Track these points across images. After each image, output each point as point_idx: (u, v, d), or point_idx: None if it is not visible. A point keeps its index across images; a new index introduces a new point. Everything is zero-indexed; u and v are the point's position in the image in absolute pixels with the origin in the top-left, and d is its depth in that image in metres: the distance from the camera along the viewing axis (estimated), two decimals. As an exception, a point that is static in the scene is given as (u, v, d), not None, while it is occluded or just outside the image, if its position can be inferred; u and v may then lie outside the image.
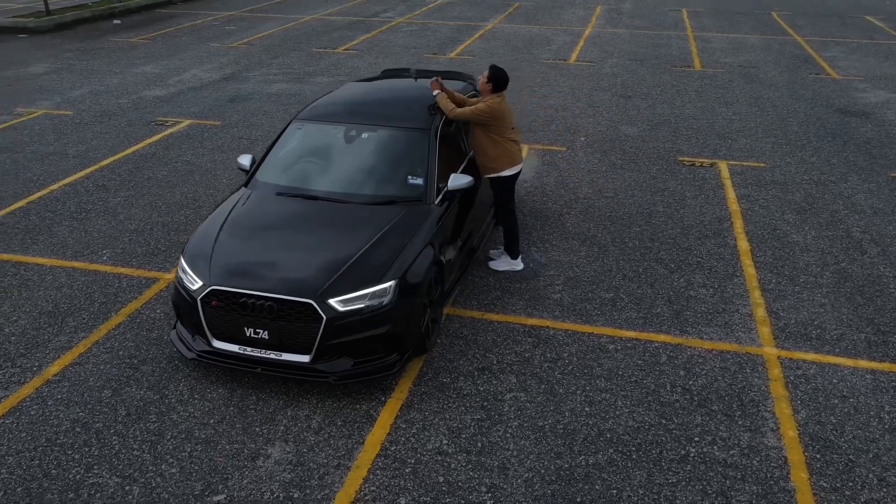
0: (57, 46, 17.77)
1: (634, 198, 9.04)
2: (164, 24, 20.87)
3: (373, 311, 5.31)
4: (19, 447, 4.95)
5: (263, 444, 5.00)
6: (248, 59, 16.34)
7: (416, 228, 5.83)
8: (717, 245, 7.88)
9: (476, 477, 4.74)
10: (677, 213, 8.61)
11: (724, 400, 5.49)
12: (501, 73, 6.79)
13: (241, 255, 5.56)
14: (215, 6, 23.88)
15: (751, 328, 6.39)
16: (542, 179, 9.59)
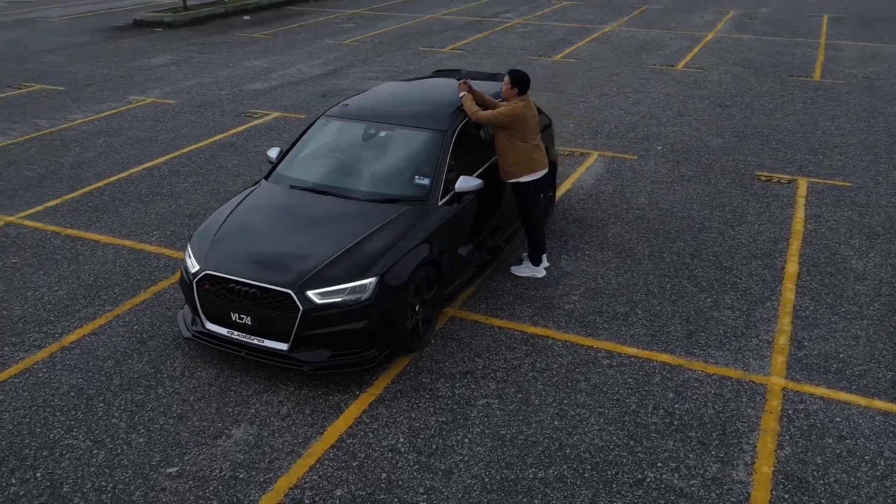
0: (185, 40, 18.97)
1: (690, 212, 8.70)
2: (289, 20, 21.82)
3: (351, 306, 5.42)
4: (17, 405, 5.41)
5: (230, 424, 5.22)
6: (354, 56, 16.83)
7: (411, 228, 5.89)
8: (761, 266, 7.46)
9: (418, 478, 4.76)
10: (731, 231, 8.21)
11: (706, 427, 5.23)
12: (523, 76, 6.73)
13: (237, 243, 5.81)
14: (344, 4, 24.70)
15: (765, 356, 6.04)
16: (600, 187, 9.38)
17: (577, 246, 7.87)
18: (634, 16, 22.09)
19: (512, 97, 6.77)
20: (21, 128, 11.70)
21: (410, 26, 20.72)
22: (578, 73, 15.19)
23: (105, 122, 12.00)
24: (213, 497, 4.60)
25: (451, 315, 6.57)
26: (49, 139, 11.19)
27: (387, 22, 21.31)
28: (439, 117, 6.71)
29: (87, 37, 19.49)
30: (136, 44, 18.50)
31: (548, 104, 12.92)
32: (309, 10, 23.77)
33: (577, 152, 10.66)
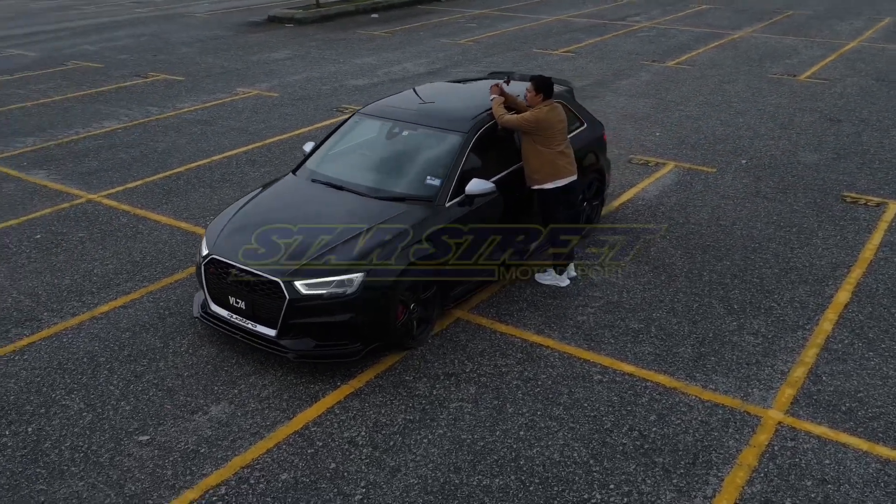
0: (309, 36, 19.79)
1: (752, 230, 8.26)
2: (413, 19, 22.28)
3: (335, 299, 5.57)
4: (36, 364, 5.94)
5: (211, 401, 5.51)
6: (463, 56, 17.01)
7: (411, 226, 5.96)
8: (808, 293, 7.00)
9: (364, 472, 4.85)
10: (788, 253, 7.74)
11: (677, 455, 5.01)
12: (547, 81, 6.64)
13: (244, 230, 6.09)
14: (473, 4, 24.92)
15: (772, 387, 5.69)
16: (663, 199, 9.07)
17: (615, 257, 7.65)
18: (774, 21, 21.00)
19: (537, 103, 6.69)
20: (133, 114, 12.66)
21: (532, 28, 20.65)
22: (688, 79, 14.66)
23: (207, 111, 12.76)
24: (169, 467, 4.88)
25: (457, 317, 6.59)
26: (153, 125, 12.04)
27: (509, 23, 21.34)
28: (463, 119, 6.73)
29: (222, 31, 20.72)
30: (263, 39, 19.49)
31: (639, 112, 12.58)
32: (437, 10, 24.16)
33: (653, 162, 10.33)
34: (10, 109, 13.02)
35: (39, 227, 8.29)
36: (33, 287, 7.06)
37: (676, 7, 23.53)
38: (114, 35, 20.27)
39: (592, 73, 15.44)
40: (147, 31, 20.87)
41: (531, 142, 6.69)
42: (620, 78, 15.01)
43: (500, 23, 21.41)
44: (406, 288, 5.85)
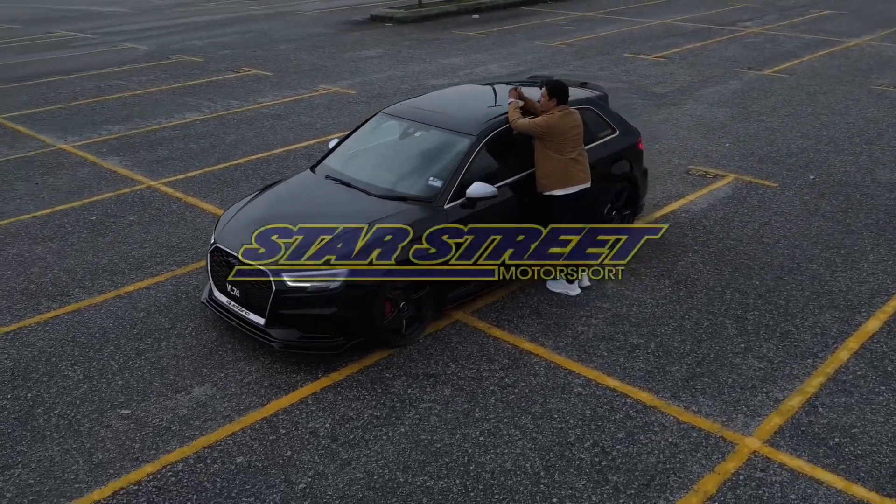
0: (404, 35, 20.15)
1: (795, 250, 7.87)
2: (514, 20, 22.28)
3: (319, 293, 5.74)
4: (52, 336, 6.40)
5: (197, 382, 5.79)
6: (552, 59, 16.90)
7: (405, 226, 6.04)
8: (834, 319, 6.63)
9: (315, 462, 4.99)
10: (828, 276, 7.34)
11: (633, 475, 4.88)
12: (560, 86, 6.56)
13: (249, 222, 6.35)
14: (579, 6, 24.67)
15: (759, 414, 5.44)
16: (710, 213, 8.77)
17: (636, 269, 7.47)
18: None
19: (551, 108, 6.62)
20: (215, 106, 13.30)
21: (632, 31, 20.24)
22: (780, 89, 14.03)
23: (283, 106, 13.25)
24: (139, 440, 5.17)
25: (456, 319, 6.61)
26: (230, 118, 12.63)
27: (611, 26, 21.00)
28: (474, 122, 6.75)
29: (324, 29, 21.38)
30: (360, 37, 19.99)
31: (714, 121, 12.16)
32: (540, 12, 24.05)
33: (712, 173, 9.98)
34: (107, 99, 13.94)
35: (97, 210, 8.87)
36: (74, 265, 7.58)
37: (795, 12, 22.45)
38: (223, 31, 21.29)
39: (679, 79, 15.01)
40: (255, 27, 21.79)
41: (543, 147, 6.64)
42: (707, 85, 14.52)
43: (602, 26, 21.09)
44: (394, 287, 5.92)
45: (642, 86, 14.45)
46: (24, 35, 21.68)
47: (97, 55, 18.27)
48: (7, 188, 9.66)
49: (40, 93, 14.54)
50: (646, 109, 12.88)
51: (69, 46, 19.64)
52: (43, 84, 15.27)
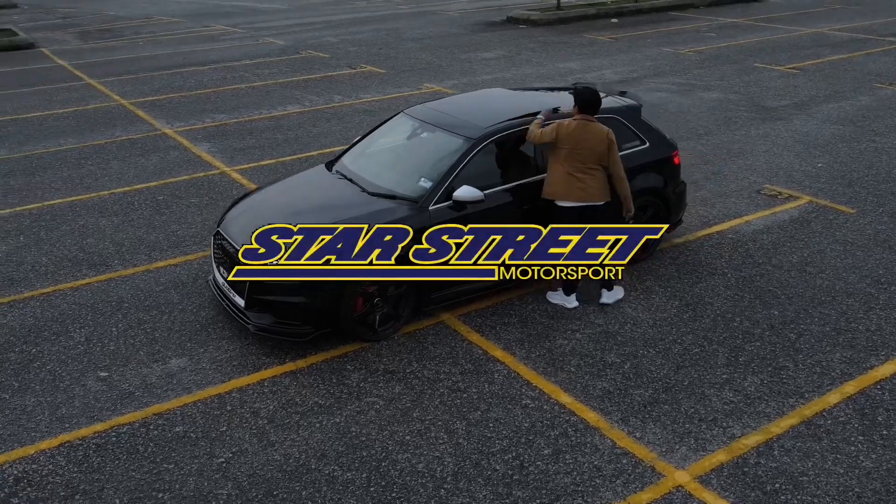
0: (532, 37, 20.15)
1: (837, 283, 7.30)
2: (652, 25, 21.69)
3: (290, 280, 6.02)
4: (76, 301, 7.08)
5: (177, 355, 6.24)
6: (672, 66, 16.38)
7: (384, 223, 6.20)
8: (843, 359, 6.15)
9: (244, 440, 5.27)
10: (860, 314, 6.78)
11: (541, 492, 4.81)
12: (584, 94, 6.46)
13: (250, 209, 6.74)
14: (730, 12, 23.64)
15: (705, 449, 5.18)
16: (760, 236, 8.29)
17: (650, 287, 7.23)
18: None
19: (574, 115, 6.50)
20: (318, 101, 13.97)
21: (776, 39, 19.17)
22: None
23: (380, 103, 13.71)
24: (102, 401, 5.67)
25: (441, 319, 6.69)
26: (325, 112, 13.23)
27: (755, 33, 19.97)
28: (476, 126, 6.78)
29: (457, 29, 21.76)
30: (488, 38, 20.18)
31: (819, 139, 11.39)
32: (686, 17, 23.25)
33: (785, 194, 9.39)
34: (225, 90, 14.98)
35: (167, 191, 9.64)
36: (124, 238, 8.31)
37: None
38: (360, 29, 22.18)
39: (801, 93, 14.12)
40: (392, 26, 22.53)
41: (551, 153, 6.55)
42: (831, 100, 13.56)
43: (746, 33, 20.11)
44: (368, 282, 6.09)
45: (756, 98, 13.70)
46: (183, 29, 23.60)
47: (238, 48, 19.60)
48: (103, 166, 10.67)
49: (172, 82, 15.84)
50: (746, 123, 12.24)
51: (218, 40, 21.18)
52: (178, 74, 16.61)
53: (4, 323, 6.71)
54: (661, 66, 16.41)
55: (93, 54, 19.52)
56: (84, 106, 14.01)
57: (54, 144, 11.73)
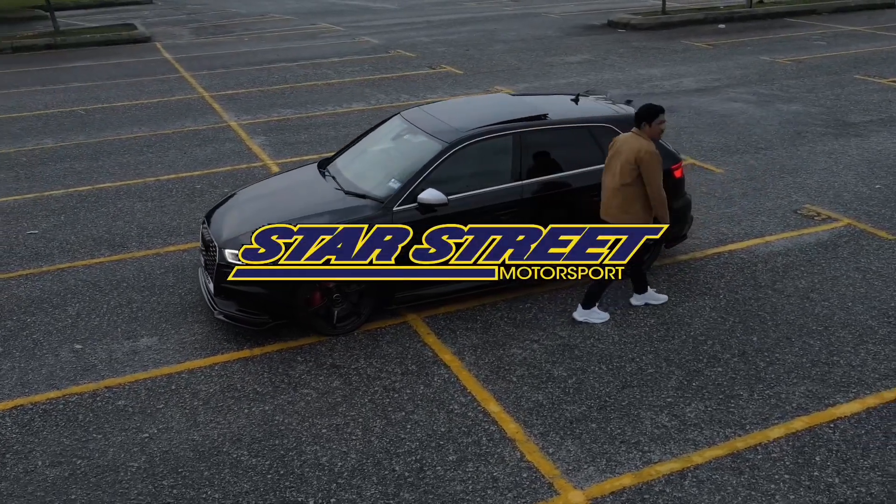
0: (625, 42, 19.75)
1: (838, 313, 6.86)
2: (759, 32, 20.77)
3: (248, 272, 6.31)
4: (83, 278, 7.64)
5: (150, 334, 6.65)
6: (760, 75, 15.70)
7: (346, 221, 6.38)
8: (807, 393, 5.81)
9: (174, 418, 5.57)
10: (849, 348, 6.35)
11: (429, 497, 4.84)
12: (639, 108, 6.36)
13: (236, 203, 7.08)
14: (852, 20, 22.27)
15: (614, 471, 5.04)
16: (778, 258, 7.89)
17: (633, 305, 7.05)
18: None
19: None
20: (385, 99, 14.31)
21: (893, 50, 17.95)
22: None
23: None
24: (65, 371, 6.13)
25: (406, 320, 6.80)
26: (386, 111, 13.50)
27: (870, 42, 18.76)
28: (454, 130, 6.83)
29: (553, 32, 21.61)
30: (580, 42, 19.94)
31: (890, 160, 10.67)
32: (801, 24, 22.09)
33: (824, 215, 8.89)
34: (303, 86, 15.58)
35: (206, 181, 10.19)
36: (149, 223, 8.87)
37: None
38: (457, 29, 22.42)
39: (895, 108, 13.21)
40: (490, 27, 22.64)
41: None
42: (924, 119, 12.62)
43: (860, 42, 18.93)
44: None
45: (839, 112, 12.94)
46: (290, 27, 24.60)
47: (332, 46, 20.28)
48: (161, 154, 11.39)
49: (257, 77, 16.61)
50: (816, 138, 11.59)
51: (317, 37, 21.98)
52: (266, 69, 17.40)
53: (14, 293, 7.34)
54: (750, 76, 15.71)
55: (197, 49, 20.70)
56: (168, 97, 14.94)
57: (127, 132, 12.60)
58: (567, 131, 7.13)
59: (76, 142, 12.13)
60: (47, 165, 11.00)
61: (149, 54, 19.93)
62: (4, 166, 11.02)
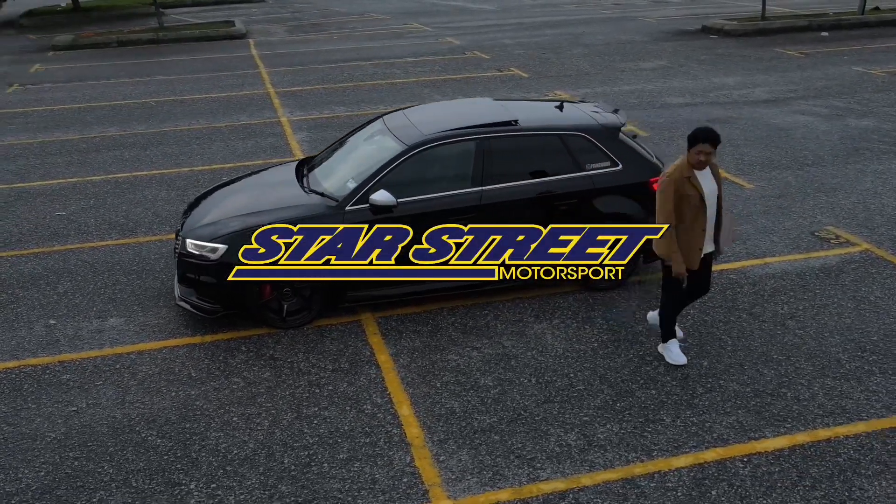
0: (710, 49, 19.06)
1: (808, 343, 6.48)
2: (864, 41, 19.59)
3: (202, 261, 6.60)
4: (84, 259, 8.16)
5: (119, 315, 7.06)
6: (843, 87, 14.87)
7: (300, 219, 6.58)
8: (733, 425, 5.55)
9: (105, 395, 5.90)
10: (802, 381, 6.01)
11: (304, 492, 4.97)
12: (694, 132, 5.62)
13: (213, 197, 7.40)
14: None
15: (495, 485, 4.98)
16: (770, 282, 7.51)
17: (591, 317, 6.91)
18: None
19: None
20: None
21: None
22: None
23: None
24: (31, 343, 6.59)
25: (360, 318, 6.92)
26: (434, 112, 13.65)
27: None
28: (417, 133, 6.90)
29: (641, 37, 21.10)
30: (663, 48, 19.38)
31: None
32: (916, 32, 20.63)
33: (842, 239, 8.39)
34: (366, 85, 15.95)
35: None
36: (164, 211, 9.35)
37: None
38: (545, 32, 22.27)
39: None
40: (578, 30, 22.34)
41: None
42: None
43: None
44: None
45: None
46: (382, 26, 25.11)
47: (413, 46, 20.58)
48: (206, 146, 11.98)
49: (328, 74, 17.12)
50: (874, 157, 10.91)
51: (404, 37, 22.35)
52: (339, 68, 17.90)
53: (18, 269, 7.95)
54: (831, 87, 14.86)
55: (285, 46, 21.49)
56: (237, 92, 15.63)
57: (185, 124, 13.30)
58: (536, 138, 7.04)
59: (136, 131, 12.90)
60: (100, 153, 11.77)
61: (238, 50, 20.85)
62: (64, 151, 11.87)
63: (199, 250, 6.56)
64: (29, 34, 24.68)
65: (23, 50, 22.22)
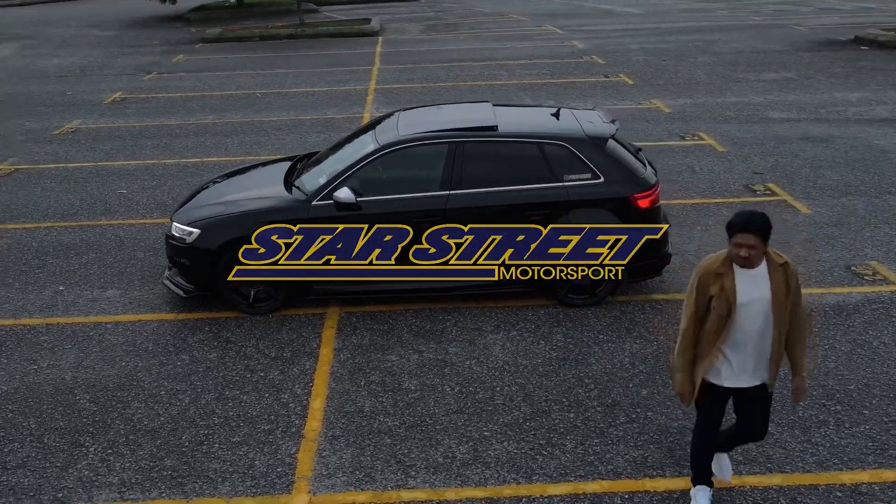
0: (852, 62, 17.62)
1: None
2: None
3: (180, 244, 7.05)
4: (111, 234, 8.87)
5: (118, 287, 7.64)
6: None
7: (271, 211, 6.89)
8: (631, 460, 5.32)
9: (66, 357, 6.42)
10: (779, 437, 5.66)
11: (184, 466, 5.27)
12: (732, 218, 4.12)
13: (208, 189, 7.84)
14: None
15: (360, 486, 5.02)
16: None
17: (550, 333, 6.73)
18: None
19: None
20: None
21: None
22: None
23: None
24: (33, 306, 7.27)
25: (327, 310, 7.12)
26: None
27: None
28: (396, 134, 6.99)
29: (782, 47, 19.71)
30: (799, 59, 18.05)
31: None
32: None
33: (880, 276, 7.66)
34: (464, 85, 16.12)
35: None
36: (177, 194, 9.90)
37: None
38: (676, 38, 21.44)
39: None
40: (713, 37, 21.32)
41: None
42: None
43: None
44: (239, 257, 6.84)
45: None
46: (515, 27, 25.07)
47: (535, 48, 20.48)
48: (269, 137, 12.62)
49: (434, 74, 17.43)
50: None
51: (530, 39, 22.26)
52: (450, 67, 18.16)
53: (59, 238, 8.78)
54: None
55: (410, 45, 22.00)
56: (340, 87, 16.25)
57: (276, 115, 14.02)
58: (512, 145, 6.92)
59: (230, 120, 13.75)
60: (187, 138, 12.67)
61: (363, 47, 21.57)
62: (156, 135, 12.88)
63: (179, 233, 6.98)
64: (192, 27, 26.75)
65: (179, 41, 24.15)
